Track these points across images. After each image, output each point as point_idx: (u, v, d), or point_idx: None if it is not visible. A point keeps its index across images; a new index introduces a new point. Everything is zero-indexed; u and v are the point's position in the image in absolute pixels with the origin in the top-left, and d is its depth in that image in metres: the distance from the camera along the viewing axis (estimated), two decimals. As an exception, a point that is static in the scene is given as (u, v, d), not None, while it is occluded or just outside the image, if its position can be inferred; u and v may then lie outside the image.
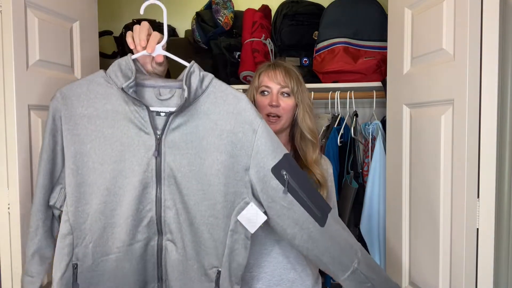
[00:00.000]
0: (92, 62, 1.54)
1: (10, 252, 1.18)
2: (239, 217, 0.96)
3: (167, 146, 0.94)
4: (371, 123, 1.79)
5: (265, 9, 2.10)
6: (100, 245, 0.95)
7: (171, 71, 1.51)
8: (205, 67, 2.11)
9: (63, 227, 0.94)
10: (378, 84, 1.81)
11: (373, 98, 1.80)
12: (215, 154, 0.94)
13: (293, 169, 0.98)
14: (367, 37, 1.87)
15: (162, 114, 0.94)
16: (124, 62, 0.94)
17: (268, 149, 0.95)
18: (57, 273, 0.94)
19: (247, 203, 0.96)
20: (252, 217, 0.96)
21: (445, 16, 1.18)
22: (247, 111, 0.95)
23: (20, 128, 1.17)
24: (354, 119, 1.84)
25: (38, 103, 1.24)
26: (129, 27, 2.16)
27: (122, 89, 0.88)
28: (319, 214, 1.00)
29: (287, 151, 1.00)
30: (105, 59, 2.11)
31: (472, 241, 1.09)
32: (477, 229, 1.09)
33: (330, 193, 1.32)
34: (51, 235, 1.01)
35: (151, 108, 0.94)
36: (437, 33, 1.21)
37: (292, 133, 1.33)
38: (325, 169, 1.32)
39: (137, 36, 0.96)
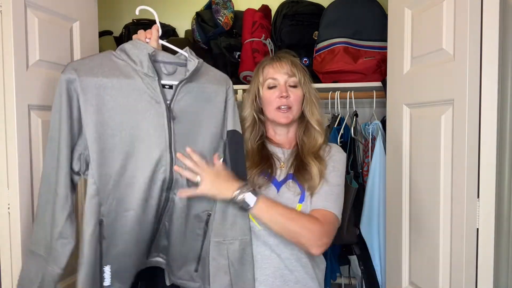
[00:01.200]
0: (92, 62, 1.54)
1: (10, 252, 1.18)
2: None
3: (175, 113, 1.08)
4: (371, 123, 1.79)
5: (265, 9, 2.10)
6: (121, 202, 1.05)
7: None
8: (205, 67, 2.13)
9: (90, 189, 1.02)
10: (378, 84, 1.81)
11: (373, 98, 1.80)
12: (211, 120, 1.15)
13: (232, 143, 1.19)
14: (367, 37, 1.87)
15: (167, 87, 1.08)
16: (135, 42, 1.09)
17: (231, 117, 1.20)
18: (88, 230, 1.02)
19: (220, 158, 1.18)
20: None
21: (445, 16, 1.18)
22: (230, 88, 1.22)
23: (20, 128, 1.17)
24: (354, 119, 1.84)
25: (38, 103, 1.24)
26: (129, 27, 2.16)
27: (149, 54, 1.03)
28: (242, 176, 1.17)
29: (236, 128, 1.20)
30: (105, 59, 2.11)
31: (472, 241, 1.09)
32: (477, 229, 1.09)
33: (329, 179, 1.22)
34: (73, 201, 1.07)
35: (164, 82, 1.08)
36: (437, 33, 1.21)
37: (298, 128, 1.31)
38: (331, 153, 1.27)
39: (144, 34, 1.18)
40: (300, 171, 1.23)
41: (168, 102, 1.07)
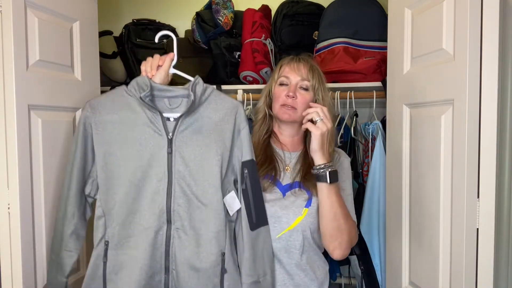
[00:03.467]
0: (92, 62, 1.54)
1: (10, 252, 1.18)
2: (224, 199, 1.14)
3: (177, 145, 1.11)
4: (371, 123, 1.79)
5: (265, 9, 2.10)
6: (124, 228, 1.11)
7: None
8: (205, 67, 2.14)
9: (98, 211, 1.13)
10: (378, 84, 1.81)
11: (373, 98, 1.80)
12: (215, 148, 1.12)
13: (254, 174, 1.16)
14: (367, 37, 1.87)
15: (172, 119, 1.13)
16: (140, 79, 1.13)
17: (247, 147, 1.16)
18: (95, 246, 1.14)
19: (230, 191, 1.15)
20: (231, 202, 1.14)
21: (445, 16, 1.18)
22: (241, 115, 1.16)
23: (20, 128, 1.17)
24: (354, 119, 1.84)
25: (38, 103, 1.24)
26: (129, 27, 2.16)
27: (141, 98, 1.08)
28: (255, 220, 1.14)
29: (253, 157, 1.17)
30: (105, 59, 2.11)
31: (472, 241, 1.09)
32: (477, 229, 1.08)
33: (341, 183, 1.25)
34: (84, 218, 1.18)
35: (166, 114, 1.12)
36: (437, 33, 1.21)
37: (305, 133, 1.31)
38: (340, 160, 1.29)
39: (149, 66, 1.18)
40: (307, 178, 1.23)
41: (170, 134, 1.11)
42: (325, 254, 1.29)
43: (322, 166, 1.15)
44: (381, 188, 1.66)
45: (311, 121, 1.18)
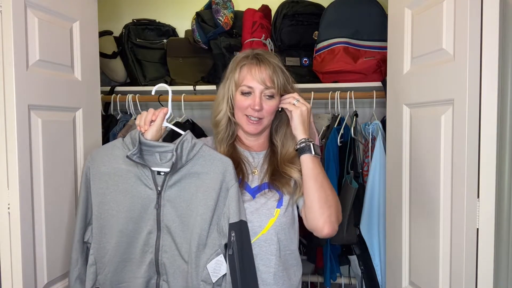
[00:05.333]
0: (92, 62, 1.54)
1: (10, 252, 1.18)
2: (208, 265, 1.11)
3: (165, 199, 1.14)
4: (371, 123, 1.79)
5: (265, 9, 2.10)
6: (116, 275, 1.17)
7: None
8: (205, 67, 2.14)
9: (90, 259, 1.19)
10: (378, 84, 1.81)
11: (373, 98, 1.80)
12: (199, 208, 1.12)
13: (243, 237, 1.11)
14: (367, 37, 1.87)
15: (162, 173, 1.14)
16: (134, 133, 1.15)
17: (234, 207, 1.12)
18: None
19: (218, 254, 1.11)
20: (216, 267, 1.11)
21: (445, 16, 1.18)
22: (229, 173, 1.13)
23: (20, 128, 1.17)
24: (354, 119, 1.84)
25: (38, 103, 1.24)
26: (129, 27, 2.16)
27: (127, 156, 1.10)
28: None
29: (243, 218, 1.12)
30: (105, 59, 2.11)
31: (472, 241, 1.09)
32: (477, 229, 1.08)
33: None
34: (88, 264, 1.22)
35: (153, 168, 1.14)
36: (437, 33, 1.21)
37: (270, 130, 1.27)
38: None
39: (142, 121, 1.16)
40: (276, 177, 1.19)
41: (159, 188, 1.13)
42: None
43: (305, 139, 1.16)
44: (381, 188, 1.66)
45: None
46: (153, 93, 1.23)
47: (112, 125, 2.02)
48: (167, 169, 1.12)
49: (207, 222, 1.11)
